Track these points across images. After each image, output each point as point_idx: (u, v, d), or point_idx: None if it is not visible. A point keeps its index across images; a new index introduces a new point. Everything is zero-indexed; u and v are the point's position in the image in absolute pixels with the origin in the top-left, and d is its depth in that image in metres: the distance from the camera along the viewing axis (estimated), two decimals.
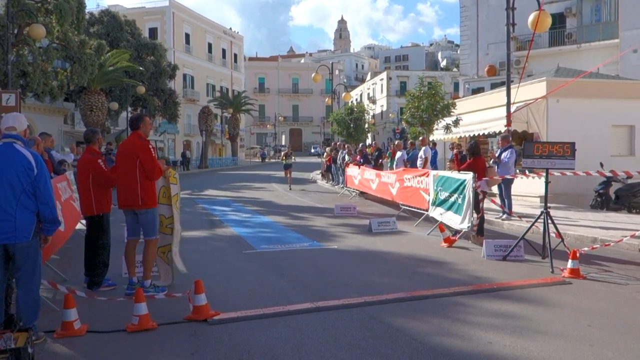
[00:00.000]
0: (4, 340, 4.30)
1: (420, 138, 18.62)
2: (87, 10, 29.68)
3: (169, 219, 7.33)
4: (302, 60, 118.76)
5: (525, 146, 8.78)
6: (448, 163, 18.03)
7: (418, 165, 16.34)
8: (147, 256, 6.87)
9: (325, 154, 30.78)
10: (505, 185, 13.26)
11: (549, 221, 8.49)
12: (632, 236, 9.21)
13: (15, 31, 22.55)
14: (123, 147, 7.07)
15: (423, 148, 16.80)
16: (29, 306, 4.94)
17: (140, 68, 36.03)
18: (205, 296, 5.83)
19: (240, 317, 5.83)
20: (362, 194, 19.69)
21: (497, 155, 13.41)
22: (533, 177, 13.21)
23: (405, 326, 5.53)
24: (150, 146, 6.84)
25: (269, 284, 7.41)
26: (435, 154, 17.30)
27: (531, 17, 13.58)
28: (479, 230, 10.41)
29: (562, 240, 8.59)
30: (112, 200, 7.46)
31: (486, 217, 11.15)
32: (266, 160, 63.96)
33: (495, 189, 14.10)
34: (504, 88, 15.79)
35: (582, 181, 15.05)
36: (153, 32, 54.26)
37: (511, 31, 14.88)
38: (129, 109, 38.18)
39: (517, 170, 13.94)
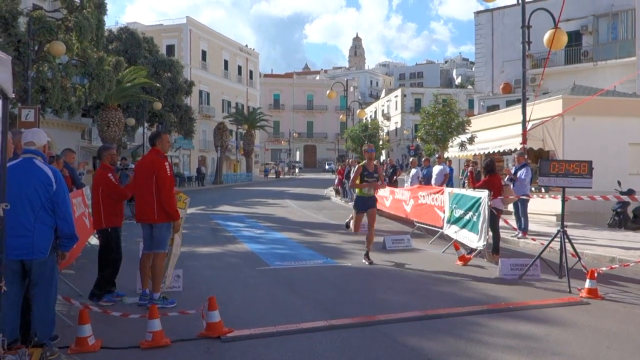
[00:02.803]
0: (18, 356, 4.32)
1: (437, 155, 18.55)
2: (106, 28, 30.13)
3: (170, 241, 7.38)
4: (317, 77, 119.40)
5: (541, 164, 8.72)
6: (464, 179, 17.95)
7: (434, 182, 16.25)
8: (155, 270, 6.97)
9: (337, 169, 30.83)
10: (522, 204, 13.15)
11: (566, 240, 8.39)
12: None
13: (36, 48, 22.93)
14: (141, 162, 7.27)
15: (441, 165, 16.76)
16: (44, 322, 4.95)
17: (157, 84, 36.41)
18: (218, 313, 5.82)
19: (254, 335, 5.80)
20: (377, 210, 19.57)
21: (512, 172, 13.32)
22: (549, 196, 13.12)
23: (420, 345, 5.47)
24: (167, 163, 6.94)
25: (283, 301, 7.38)
26: (451, 172, 17.23)
27: (547, 35, 13.56)
28: (495, 249, 10.31)
29: (580, 259, 8.49)
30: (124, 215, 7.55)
31: (502, 235, 11.05)
32: (268, 176, 63.32)
33: (511, 207, 13.99)
34: (520, 106, 15.74)
35: (599, 200, 14.87)
36: (170, 49, 54.94)
37: (527, 49, 14.86)
38: (146, 124, 38.55)
39: (533, 189, 13.85)
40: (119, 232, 7.50)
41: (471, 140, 20.21)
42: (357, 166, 10.71)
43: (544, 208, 16.41)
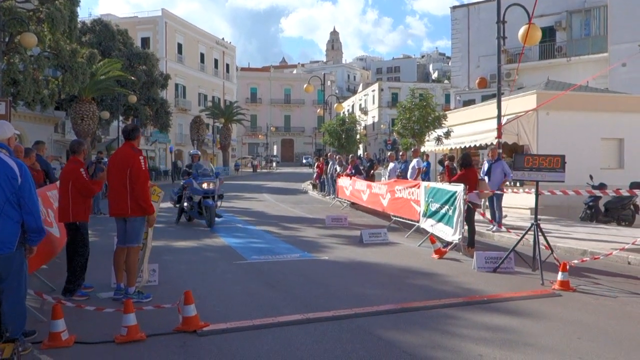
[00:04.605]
0: None
1: (413, 149, 18.66)
2: (79, 19, 29.63)
3: (144, 234, 7.33)
4: (294, 71, 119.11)
5: (515, 158, 8.83)
6: (439, 175, 18.06)
7: (409, 176, 16.36)
8: (129, 264, 6.94)
9: (316, 164, 30.83)
10: (497, 198, 13.30)
11: (539, 233, 8.52)
12: (622, 249, 9.28)
13: (6, 39, 22.45)
14: (115, 156, 7.22)
15: (416, 159, 16.85)
16: (15, 317, 4.87)
17: (132, 77, 35.95)
18: (194, 307, 5.79)
19: (230, 329, 5.79)
20: (354, 204, 19.69)
21: (487, 167, 13.47)
22: (523, 191, 13.29)
23: (396, 338, 5.52)
24: (141, 157, 6.92)
25: (259, 295, 7.37)
26: (427, 166, 17.34)
27: (521, 31, 13.70)
28: (470, 242, 10.42)
29: (552, 252, 8.63)
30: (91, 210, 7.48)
31: (477, 228, 11.17)
32: (240, 170, 62.52)
33: (486, 200, 14.14)
34: (495, 100, 15.89)
35: (572, 194, 15.13)
36: (145, 41, 54.29)
37: (502, 44, 15.00)
38: (120, 118, 38.06)
39: (508, 183, 14.02)
40: (87, 227, 7.42)
41: (447, 134, 20.36)
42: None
43: (517, 202, 16.63)
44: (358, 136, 38.78)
